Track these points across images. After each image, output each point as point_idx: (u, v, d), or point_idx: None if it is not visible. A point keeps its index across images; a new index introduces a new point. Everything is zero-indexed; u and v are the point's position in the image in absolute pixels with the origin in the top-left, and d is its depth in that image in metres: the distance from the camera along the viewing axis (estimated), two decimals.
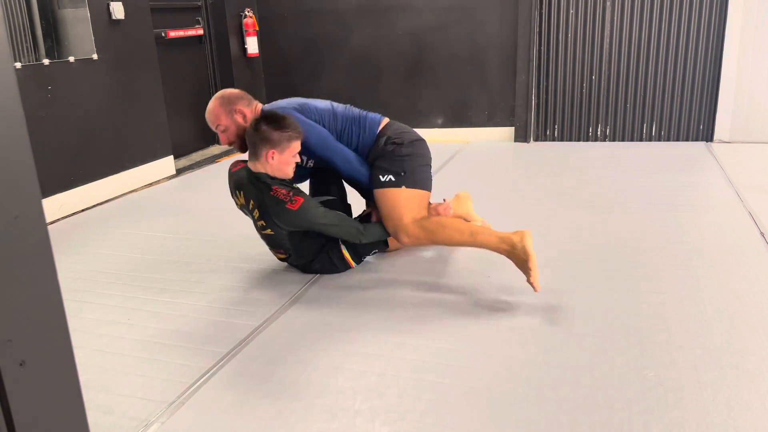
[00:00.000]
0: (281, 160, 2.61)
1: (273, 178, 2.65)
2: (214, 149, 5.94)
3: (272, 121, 2.59)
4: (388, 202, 2.70)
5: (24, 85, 3.81)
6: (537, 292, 2.50)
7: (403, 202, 2.68)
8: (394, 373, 2.08)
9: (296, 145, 2.62)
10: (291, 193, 2.60)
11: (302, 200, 2.58)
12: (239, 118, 2.68)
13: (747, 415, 1.78)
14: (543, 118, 5.56)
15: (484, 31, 5.51)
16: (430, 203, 2.86)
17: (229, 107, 2.67)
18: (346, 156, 2.78)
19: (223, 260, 3.13)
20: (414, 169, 2.74)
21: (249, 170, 2.67)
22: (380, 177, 2.71)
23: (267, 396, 1.99)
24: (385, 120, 2.88)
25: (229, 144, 2.75)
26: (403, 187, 2.69)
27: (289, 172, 2.66)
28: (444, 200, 2.93)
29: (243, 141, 2.72)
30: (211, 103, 2.70)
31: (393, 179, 2.70)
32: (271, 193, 2.60)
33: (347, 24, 5.84)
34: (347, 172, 2.82)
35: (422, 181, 2.77)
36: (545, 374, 2.03)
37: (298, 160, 2.69)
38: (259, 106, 2.78)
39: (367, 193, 2.99)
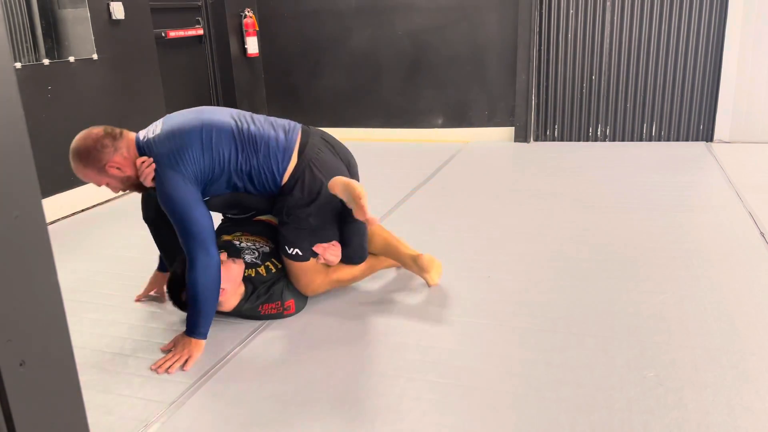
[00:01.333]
0: (226, 280, 2.34)
1: (248, 302, 2.45)
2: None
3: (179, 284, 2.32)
4: (295, 271, 2.51)
5: (24, 85, 3.81)
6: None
7: (310, 272, 2.52)
8: (394, 373, 2.08)
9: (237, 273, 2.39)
10: (279, 303, 2.47)
11: (293, 301, 2.50)
12: (115, 172, 2.24)
13: (747, 415, 1.78)
14: (543, 118, 5.56)
15: (484, 31, 5.51)
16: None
17: (97, 167, 2.22)
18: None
19: None
20: (321, 230, 2.48)
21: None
22: (287, 248, 2.47)
23: (267, 396, 1.99)
24: (293, 163, 2.37)
25: (123, 191, 2.36)
26: (311, 260, 2.50)
27: (239, 277, 2.41)
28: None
29: (135, 185, 2.32)
30: (74, 166, 2.23)
31: (300, 254, 2.46)
32: (263, 313, 2.47)
33: (347, 24, 5.84)
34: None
35: (330, 238, 2.54)
36: (545, 374, 2.03)
37: (240, 266, 2.43)
38: (131, 136, 2.29)
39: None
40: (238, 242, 2.59)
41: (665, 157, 4.77)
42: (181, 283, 2.31)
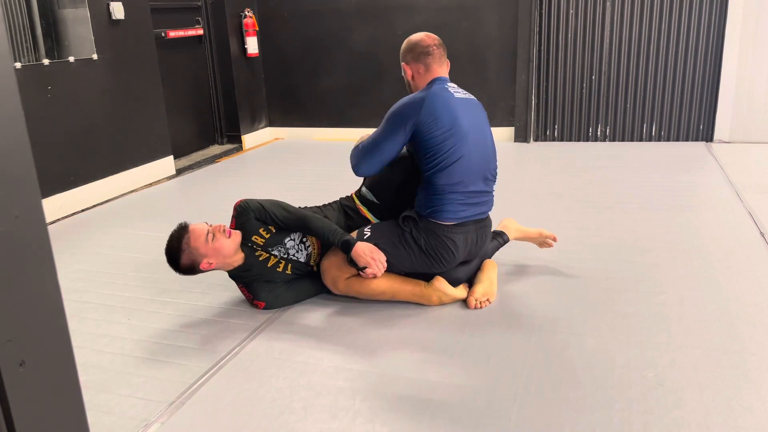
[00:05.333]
0: (214, 255, 2.43)
1: (235, 276, 2.56)
2: (214, 149, 5.94)
3: (173, 261, 2.44)
4: (334, 260, 2.50)
5: (24, 85, 3.81)
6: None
7: (342, 268, 2.48)
8: (394, 373, 2.08)
9: (196, 236, 2.40)
10: (252, 298, 2.56)
11: (264, 304, 2.55)
12: (408, 74, 2.57)
13: (747, 415, 1.78)
14: (543, 118, 5.56)
15: (484, 31, 5.51)
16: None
17: (402, 59, 2.57)
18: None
19: None
20: (403, 252, 2.46)
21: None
22: (363, 229, 2.51)
23: (267, 396, 1.99)
24: (448, 222, 2.42)
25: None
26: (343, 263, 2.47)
27: (230, 247, 2.46)
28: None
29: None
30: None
31: (364, 239, 2.46)
32: (238, 287, 2.61)
33: (347, 24, 5.84)
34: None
35: (400, 264, 2.49)
36: (545, 374, 2.03)
37: (221, 229, 2.45)
38: (437, 72, 2.54)
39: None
40: (299, 237, 2.63)
41: (665, 157, 4.77)
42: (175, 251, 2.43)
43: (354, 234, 2.51)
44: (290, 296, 2.59)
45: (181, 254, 2.42)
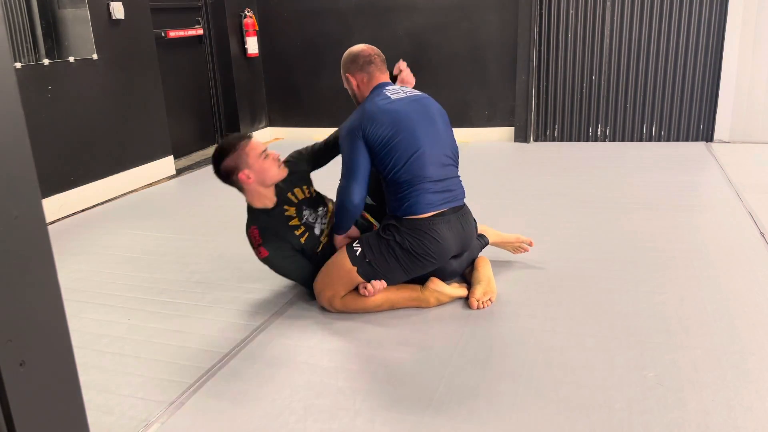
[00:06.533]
0: (257, 171, 2.48)
1: (255, 215, 2.55)
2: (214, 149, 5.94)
3: (219, 157, 2.52)
4: (333, 266, 2.50)
5: (24, 85, 3.81)
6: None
7: (343, 275, 2.47)
8: (394, 373, 2.08)
9: (253, 146, 2.50)
10: (260, 242, 2.52)
11: (267, 254, 2.53)
12: (352, 84, 2.83)
13: (747, 415, 1.78)
14: (543, 118, 5.56)
15: (484, 31, 5.51)
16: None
17: (344, 72, 2.83)
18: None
19: (223, 260, 3.13)
20: (393, 267, 2.45)
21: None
22: (353, 245, 2.48)
23: (267, 396, 1.99)
24: (425, 213, 2.43)
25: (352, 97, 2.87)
26: (356, 268, 2.45)
27: (273, 175, 2.52)
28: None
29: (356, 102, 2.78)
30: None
31: (357, 255, 2.45)
32: (248, 231, 2.56)
33: (347, 24, 5.84)
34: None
35: (391, 278, 2.49)
36: (545, 374, 2.03)
37: (275, 156, 2.55)
38: (379, 77, 2.83)
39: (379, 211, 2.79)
40: (321, 208, 2.67)
41: (665, 157, 4.77)
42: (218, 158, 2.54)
43: (345, 248, 2.50)
44: (291, 263, 2.57)
45: (230, 153, 2.49)
